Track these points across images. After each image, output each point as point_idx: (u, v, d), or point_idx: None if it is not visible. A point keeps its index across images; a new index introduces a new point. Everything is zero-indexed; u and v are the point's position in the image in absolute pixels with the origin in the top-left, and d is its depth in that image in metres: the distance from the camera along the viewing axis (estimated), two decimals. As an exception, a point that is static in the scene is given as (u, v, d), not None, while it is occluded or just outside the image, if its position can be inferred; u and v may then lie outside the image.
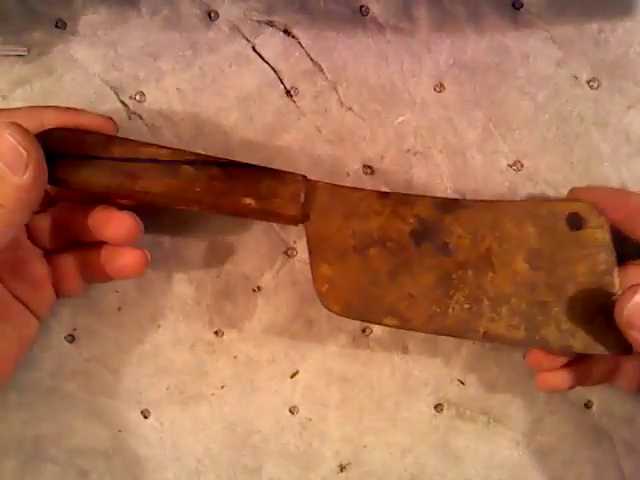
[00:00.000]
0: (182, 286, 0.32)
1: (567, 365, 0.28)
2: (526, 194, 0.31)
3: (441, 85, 0.30)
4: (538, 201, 0.28)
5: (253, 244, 0.31)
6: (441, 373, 0.32)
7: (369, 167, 0.31)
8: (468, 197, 0.31)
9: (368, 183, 0.31)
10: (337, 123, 0.31)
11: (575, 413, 0.32)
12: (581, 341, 0.26)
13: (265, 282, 0.32)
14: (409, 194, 0.29)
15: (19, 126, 0.23)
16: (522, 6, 0.30)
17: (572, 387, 0.29)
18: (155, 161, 0.25)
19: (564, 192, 0.30)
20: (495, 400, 0.32)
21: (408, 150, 0.31)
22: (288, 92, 0.31)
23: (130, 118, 0.30)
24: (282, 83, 0.31)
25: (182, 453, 0.32)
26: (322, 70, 0.30)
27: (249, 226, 0.31)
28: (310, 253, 0.27)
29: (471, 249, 0.27)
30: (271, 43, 0.30)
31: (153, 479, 0.32)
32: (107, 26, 0.30)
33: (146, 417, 0.32)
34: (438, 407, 0.32)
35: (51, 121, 0.25)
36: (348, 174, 0.31)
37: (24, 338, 0.29)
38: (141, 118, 0.31)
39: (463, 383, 0.32)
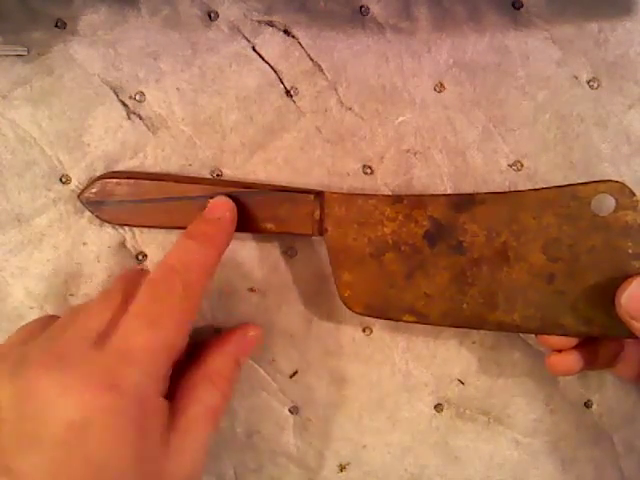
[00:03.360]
0: (182, 286, 0.32)
1: (577, 347, 0.28)
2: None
3: (441, 85, 0.30)
4: (560, 186, 0.27)
5: (253, 244, 0.31)
6: (441, 373, 0.32)
7: (369, 167, 0.31)
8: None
9: (368, 183, 0.31)
10: (337, 123, 0.31)
11: (575, 413, 0.32)
12: (599, 327, 0.26)
13: (265, 282, 0.32)
14: (422, 195, 0.29)
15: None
16: (522, 6, 0.30)
17: (581, 370, 0.28)
18: (188, 198, 0.29)
19: (564, 192, 0.31)
20: (495, 400, 0.32)
21: (408, 150, 0.31)
22: (288, 92, 0.31)
23: (130, 118, 0.30)
24: (282, 83, 0.31)
25: (182, 453, 0.32)
26: (322, 70, 0.30)
27: (249, 226, 0.31)
28: (331, 262, 0.28)
29: (486, 245, 0.27)
30: (271, 43, 0.30)
31: (153, 479, 0.32)
32: (107, 26, 0.30)
33: (146, 417, 0.32)
34: (438, 407, 0.32)
35: None
36: (348, 174, 0.31)
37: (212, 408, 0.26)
38: (141, 118, 0.31)
39: (463, 383, 0.32)
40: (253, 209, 0.29)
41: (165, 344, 0.24)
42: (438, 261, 0.28)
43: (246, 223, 0.29)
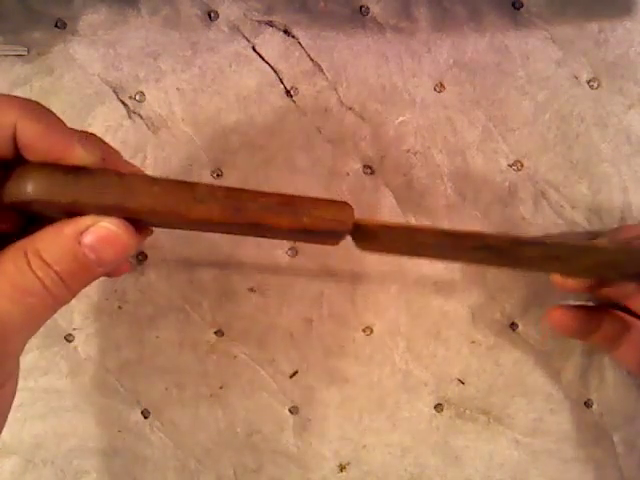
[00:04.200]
0: (182, 286, 0.32)
1: (580, 311, 0.28)
2: (526, 194, 0.31)
3: (441, 85, 0.30)
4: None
5: (253, 244, 0.31)
6: (441, 373, 0.32)
7: (369, 167, 0.31)
8: (468, 197, 0.31)
9: (368, 183, 0.31)
10: (337, 123, 0.31)
11: (575, 412, 0.32)
12: (616, 274, 0.26)
13: (265, 282, 0.32)
14: (485, 234, 0.25)
15: (126, 223, 0.21)
16: (522, 6, 0.30)
17: (577, 334, 0.29)
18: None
19: (564, 192, 0.31)
20: (495, 400, 0.32)
21: (408, 150, 0.31)
22: (288, 92, 0.31)
23: (130, 117, 0.30)
24: (282, 83, 0.31)
25: (182, 453, 0.32)
26: (322, 70, 0.30)
27: (249, 226, 0.31)
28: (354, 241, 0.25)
29: (541, 257, 0.25)
30: (271, 43, 0.30)
31: (153, 479, 0.32)
32: (107, 26, 0.30)
33: (146, 417, 0.32)
34: (438, 407, 0.32)
35: (26, 132, 0.20)
36: (348, 174, 0.31)
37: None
38: (141, 118, 0.31)
39: (463, 383, 0.32)
40: (258, 233, 0.23)
41: None
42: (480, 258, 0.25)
43: (249, 232, 0.24)
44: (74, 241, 0.21)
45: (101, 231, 0.21)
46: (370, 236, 0.24)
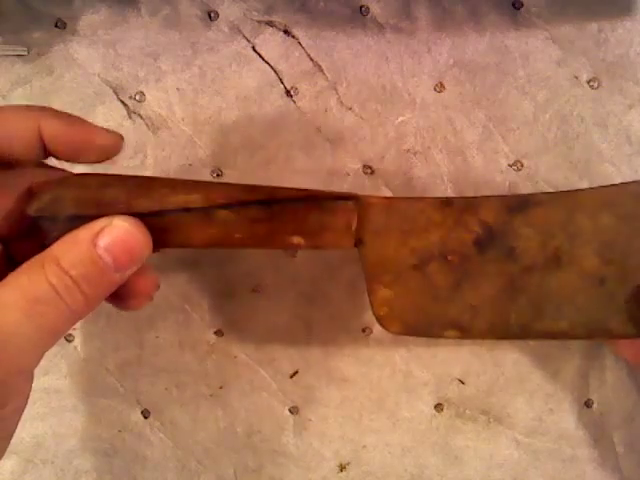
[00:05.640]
0: (182, 286, 0.32)
1: None
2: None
3: (441, 85, 0.31)
4: (620, 184, 0.25)
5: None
6: (441, 373, 0.32)
7: (369, 167, 0.31)
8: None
9: (368, 183, 0.31)
10: (337, 123, 0.31)
11: (575, 412, 0.32)
12: None
13: (265, 282, 0.32)
14: (474, 197, 0.26)
15: (139, 222, 0.21)
16: (522, 6, 0.30)
17: None
18: (186, 210, 0.22)
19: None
20: (495, 400, 0.32)
21: (408, 150, 0.31)
22: (288, 92, 0.31)
23: (130, 117, 0.30)
24: (282, 83, 0.31)
25: (182, 453, 0.32)
26: (322, 70, 0.30)
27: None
28: (366, 277, 0.25)
29: (538, 251, 0.25)
30: (271, 43, 0.30)
31: (153, 479, 0.33)
32: (107, 26, 0.30)
33: (146, 417, 0.32)
34: (438, 407, 0.32)
35: (49, 128, 0.22)
36: (348, 174, 0.31)
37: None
38: (141, 118, 0.31)
39: (463, 383, 0.32)
40: (275, 222, 0.23)
41: None
42: (487, 269, 0.25)
43: (267, 239, 0.23)
44: (90, 244, 0.20)
45: (115, 231, 0.21)
46: (374, 219, 0.25)
